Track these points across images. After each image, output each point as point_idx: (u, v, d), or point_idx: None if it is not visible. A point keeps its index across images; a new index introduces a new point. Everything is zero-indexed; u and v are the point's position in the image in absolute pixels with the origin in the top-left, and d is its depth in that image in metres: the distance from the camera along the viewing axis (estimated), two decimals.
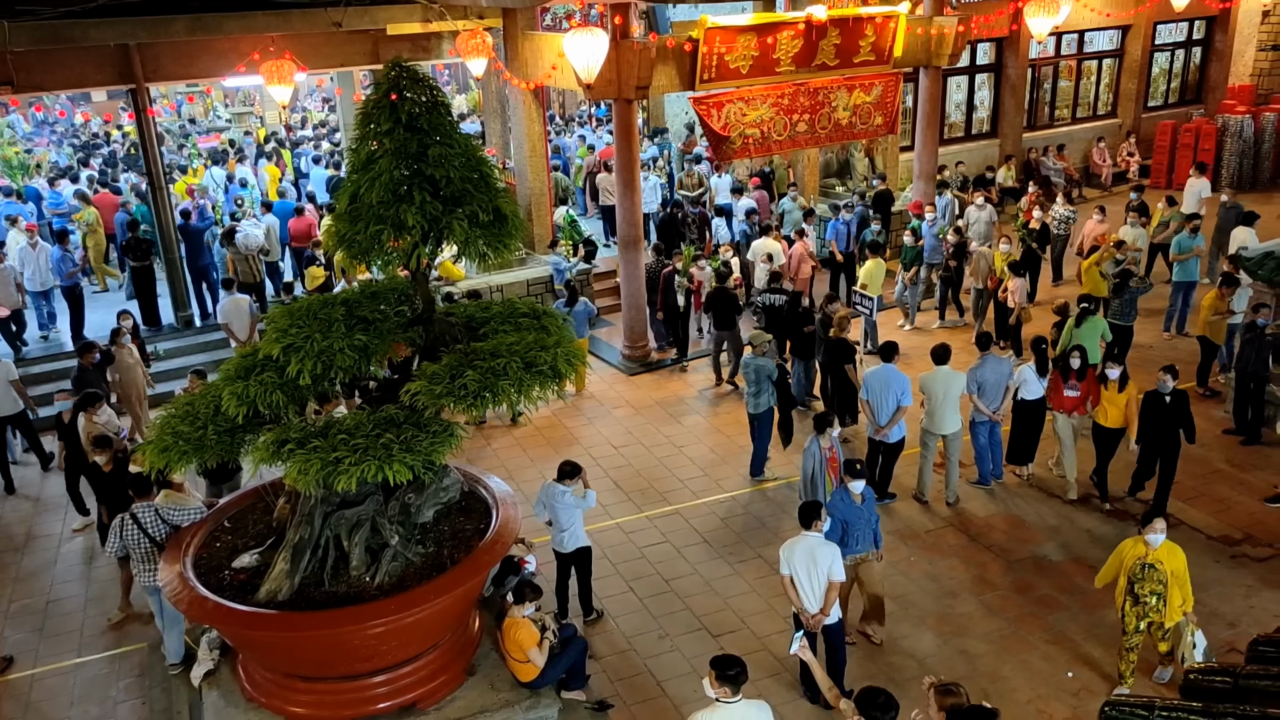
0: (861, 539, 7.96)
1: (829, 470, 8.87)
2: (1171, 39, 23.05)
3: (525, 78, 14.76)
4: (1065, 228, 15.91)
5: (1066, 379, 10.09)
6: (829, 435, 8.90)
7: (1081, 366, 9.99)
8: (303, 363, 6.29)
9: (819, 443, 8.86)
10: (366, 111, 6.63)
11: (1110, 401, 9.79)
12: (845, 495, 7.94)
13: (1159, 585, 7.09)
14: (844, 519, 7.86)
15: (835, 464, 8.90)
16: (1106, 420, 9.90)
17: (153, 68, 14.55)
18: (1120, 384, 9.72)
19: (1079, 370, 9.99)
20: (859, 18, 14.03)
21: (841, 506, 7.89)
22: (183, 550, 7.12)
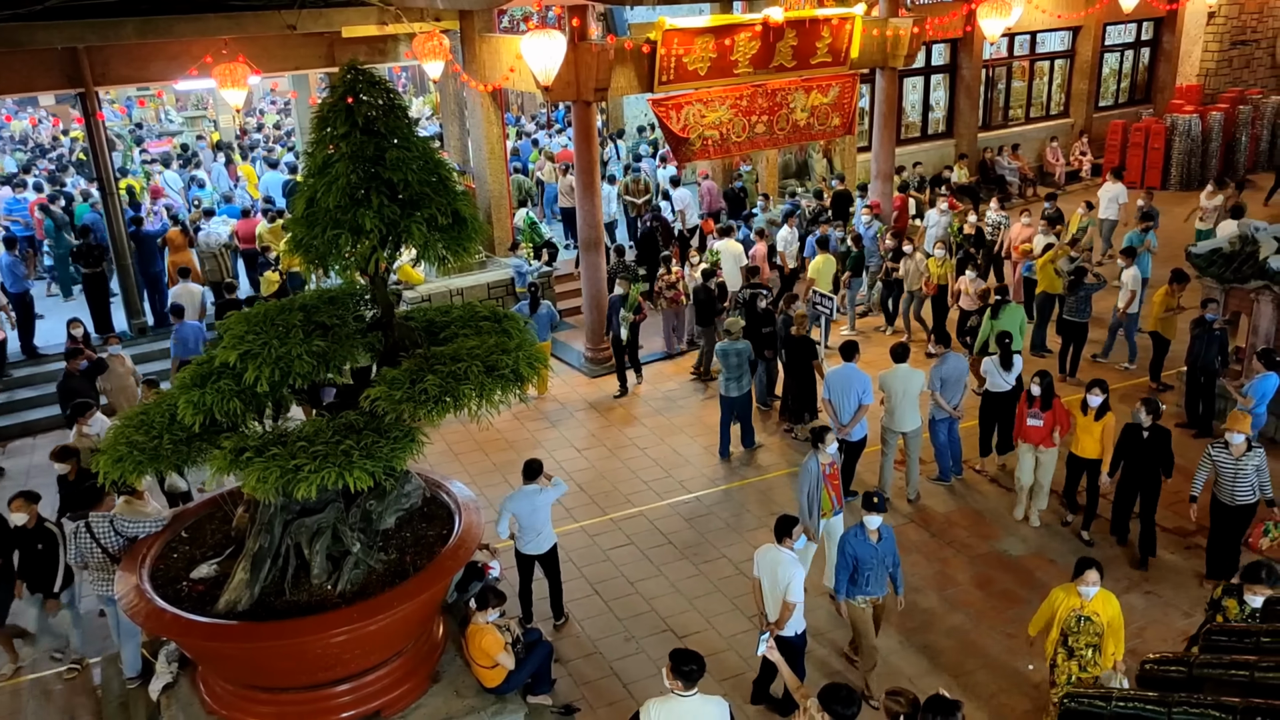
0: (876, 580, 7.35)
1: (828, 487, 8.42)
2: (1121, 40, 23.48)
3: (483, 80, 14.69)
4: (997, 232, 16.00)
5: (1030, 404, 9.57)
6: (827, 449, 8.36)
7: (1045, 394, 9.42)
8: (260, 369, 6.20)
9: (817, 459, 8.31)
10: (323, 115, 6.56)
11: (1086, 430, 9.33)
12: (859, 531, 7.29)
13: (1094, 637, 6.73)
14: (856, 556, 7.26)
15: (836, 480, 8.52)
16: (1081, 450, 9.47)
17: (102, 71, 14.29)
18: (1099, 412, 9.23)
19: (1043, 397, 9.46)
20: (816, 19, 14.13)
21: (855, 543, 7.27)
22: (139, 562, 7.00)
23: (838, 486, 8.48)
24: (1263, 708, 3.28)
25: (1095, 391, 9.20)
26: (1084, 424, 9.34)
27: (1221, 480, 8.57)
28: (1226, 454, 8.47)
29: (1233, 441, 8.42)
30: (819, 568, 8.88)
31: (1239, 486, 8.48)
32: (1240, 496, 8.50)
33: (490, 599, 7.10)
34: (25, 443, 12.76)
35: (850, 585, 7.36)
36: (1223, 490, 8.58)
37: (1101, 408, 9.20)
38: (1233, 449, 8.45)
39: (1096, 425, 9.23)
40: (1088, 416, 9.28)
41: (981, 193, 19.84)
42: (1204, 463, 8.68)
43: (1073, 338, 12.76)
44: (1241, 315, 11.49)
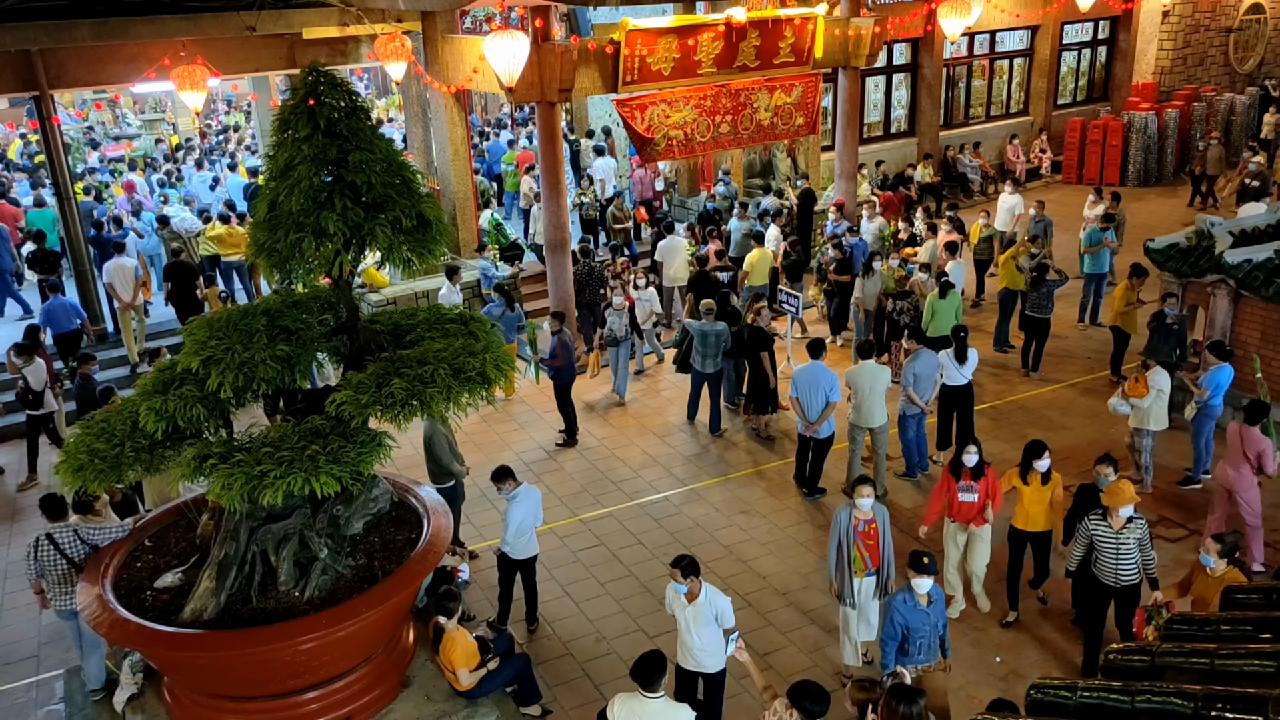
0: (927, 647, 6.69)
1: (859, 544, 7.49)
2: (1078, 38, 23.83)
3: (446, 81, 14.62)
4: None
5: (958, 476, 8.19)
6: (860, 503, 7.43)
7: (978, 464, 8.15)
8: (223, 375, 6.13)
9: (850, 511, 7.45)
10: (284, 117, 6.48)
11: (1034, 500, 8.12)
12: (909, 596, 6.56)
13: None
14: (906, 624, 6.56)
15: (872, 539, 7.47)
16: (1028, 522, 8.23)
17: (57, 74, 14.05)
18: (1044, 478, 8.10)
19: (974, 467, 8.14)
20: (778, 19, 14.20)
21: (904, 609, 6.56)
22: (102, 571, 6.89)
23: (873, 547, 7.48)
24: (1223, 694, 3.35)
25: (1044, 455, 8.05)
26: (1029, 494, 8.12)
27: (1102, 557, 7.41)
28: (1106, 526, 7.33)
29: (1122, 513, 7.28)
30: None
31: (1123, 564, 7.33)
32: (1125, 576, 7.35)
33: (449, 606, 7.07)
34: None
35: (900, 656, 6.66)
36: (1104, 569, 7.41)
37: (1047, 474, 8.12)
38: (1113, 521, 7.31)
39: (1045, 491, 8.09)
40: (1032, 484, 8.10)
41: (945, 191, 20.08)
42: (1080, 536, 7.59)
43: (1035, 334, 12.94)
44: (1199, 309, 11.70)
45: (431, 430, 9.11)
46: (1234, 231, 11.39)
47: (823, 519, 10.09)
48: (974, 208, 20.26)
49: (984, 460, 8.23)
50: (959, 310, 12.30)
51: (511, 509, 8.26)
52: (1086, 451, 11.06)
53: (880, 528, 7.49)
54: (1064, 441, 11.31)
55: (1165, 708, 3.32)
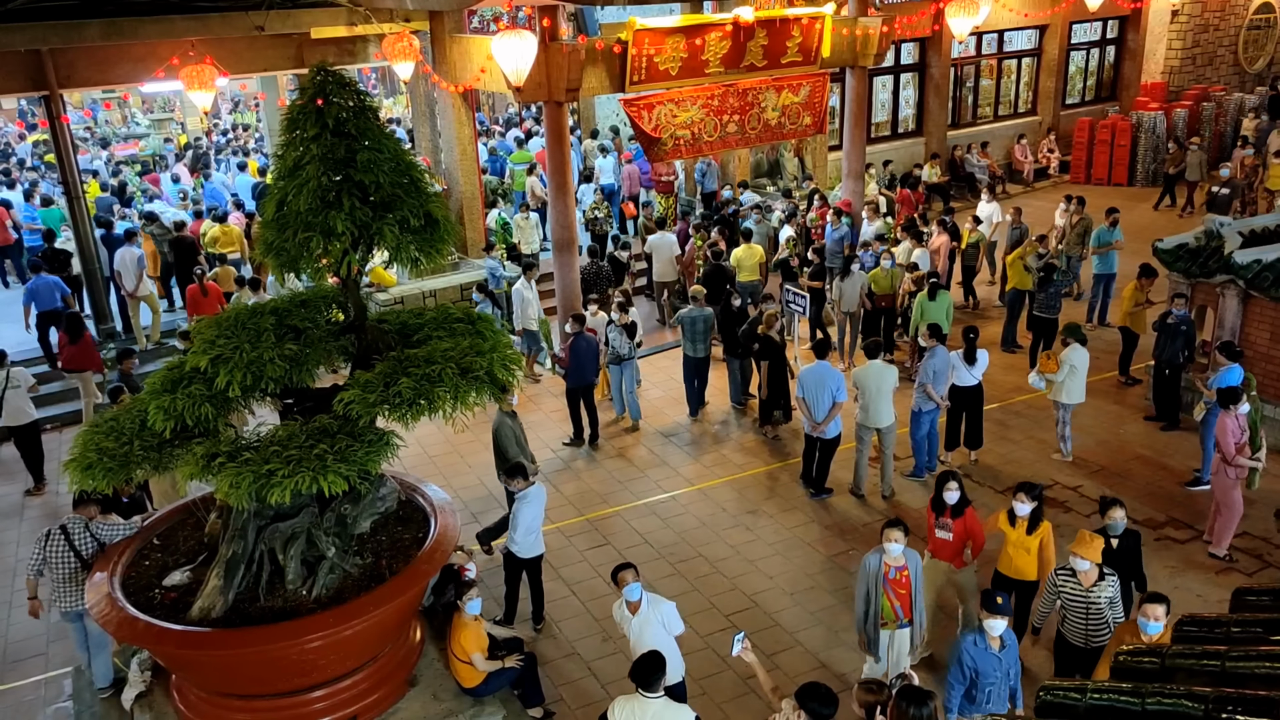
0: (996, 696, 6.22)
1: (889, 593, 6.91)
2: (1087, 38, 23.76)
3: (454, 81, 14.63)
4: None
5: (939, 513, 7.65)
6: (894, 548, 6.85)
7: (959, 502, 7.55)
8: (232, 374, 6.15)
9: (881, 556, 6.91)
10: (293, 117, 6.50)
11: (1019, 545, 7.47)
12: (979, 639, 6.14)
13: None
14: (975, 668, 6.13)
15: (904, 587, 6.90)
16: (1012, 570, 7.57)
17: (66, 74, 14.11)
18: (1031, 523, 7.43)
19: (955, 505, 7.56)
20: (786, 19, 14.18)
21: (974, 652, 6.12)
22: (110, 569, 6.91)
23: (905, 597, 6.93)
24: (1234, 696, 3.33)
25: (1022, 498, 7.38)
26: (1015, 539, 7.48)
27: (1070, 616, 6.78)
28: (1075, 583, 6.72)
29: (1079, 569, 6.67)
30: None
31: (1093, 624, 6.69)
32: (1095, 637, 6.71)
33: (464, 591, 7.12)
34: None
35: (966, 703, 6.24)
36: (1073, 629, 6.79)
37: (1034, 516, 7.44)
38: (1081, 577, 6.70)
39: (1032, 539, 7.44)
40: (1018, 529, 7.45)
41: (952, 191, 20.04)
42: (1050, 592, 6.99)
43: (1043, 334, 12.89)
44: (1208, 309, 11.66)
45: (498, 425, 9.16)
46: (1243, 232, 11.34)
47: (828, 519, 10.08)
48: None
49: (965, 498, 7.62)
50: (949, 311, 12.29)
51: (521, 509, 8.26)
52: (1095, 453, 11.05)
53: (912, 575, 6.91)
54: (1072, 442, 11.27)
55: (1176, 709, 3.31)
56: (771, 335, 11.52)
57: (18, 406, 11.14)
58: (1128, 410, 12.03)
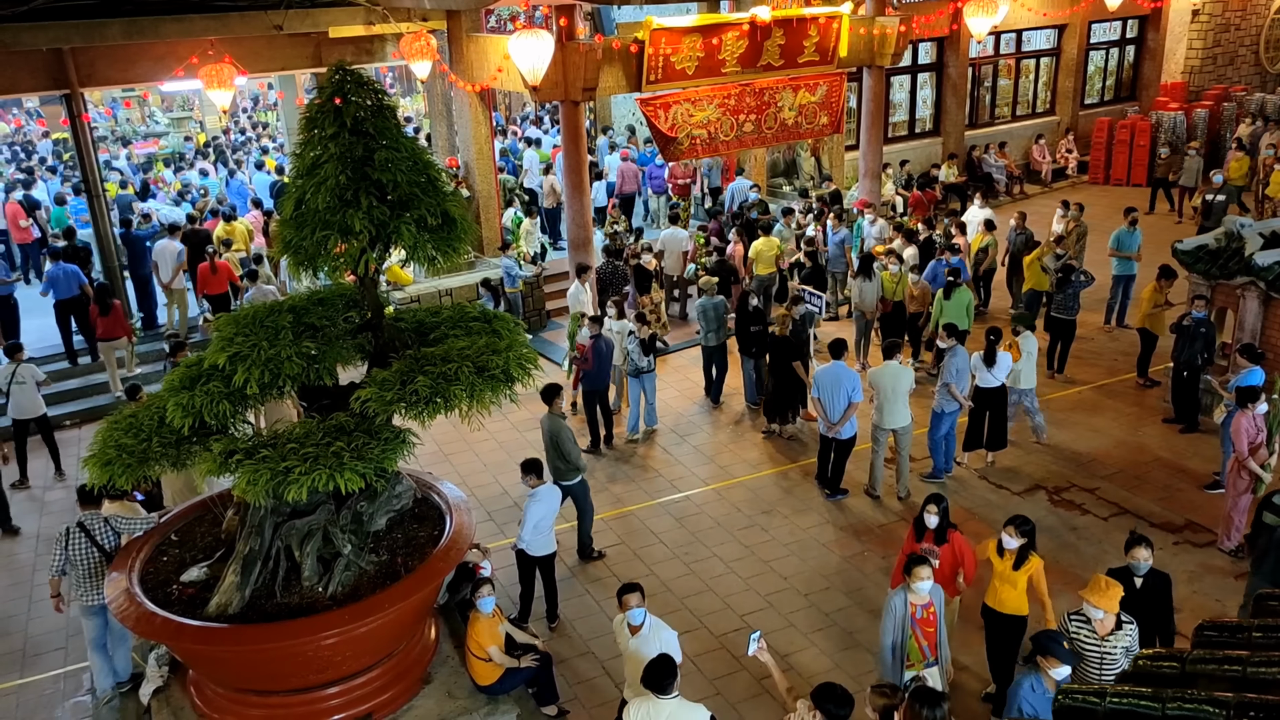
0: None
1: (917, 634, 6.57)
2: (1106, 38, 23.60)
3: (471, 80, 14.67)
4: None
5: (920, 537, 7.40)
6: (917, 586, 6.49)
7: (940, 526, 7.28)
8: (249, 372, 6.17)
9: (905, 595, 6.55)
10: (311, 116, 6.53)
11: (1005, 580, 7.09)
12: (1038, 683, 5.78)
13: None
14: (1036, 717, 5.80)
15: (932, 626, 6.60)
16: (999, 604, 7.18)
17: (88, 72, 14.22)
18: (1019, 558, 7.02)
19: (937, 530, 7.29)
20: (803, 18, 14.16)
21: (1033, 698, 5.76)
22: (129, 565, 6.96)
23: (932, 635, 6.60)
24: (1255, 702, 3.30)
25: (1011, 531, 6.99)
26: (1002, 570, 7.10)
27: (1084, 666, 6.29)
28: (1089, 630, 6.23)
29: (1093, 617, 6.19)
30: None
31: (1107, 675, 6.19)
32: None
33: (483, 588, 7.15)
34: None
35: None
36: (1087, 679, 6.26)
37: (1022, 551, 7.03)
38: (1095, 625, 6.20)
39: (1019, 574, 7.04)
40: (1005, 561, 7.08)
41: (969, 190, 19.93)
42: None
43: (1061, 335, 12.82)
44: (1228, 311, 11.57)
45: (558, 427, 9.21)
46: (1264, 233, 11.24)
47: (843, 519, 10.05)
48: (999, 208, 20.12)
49: (948, 522, 7.31)
50: (968, 308, 12.24)
51: (530, 506, 8.28)
52: (1112, 455, 10.98)
53: (938, 612, 6.61)
54: (1089, 445, 11.22)
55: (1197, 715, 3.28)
56: (786, 337, 11.48)
57: (20, 402, 11.25)
58: (1146, 412, 11.95)
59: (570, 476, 9.29)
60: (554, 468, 9.29)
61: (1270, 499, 7.71)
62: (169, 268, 14.32)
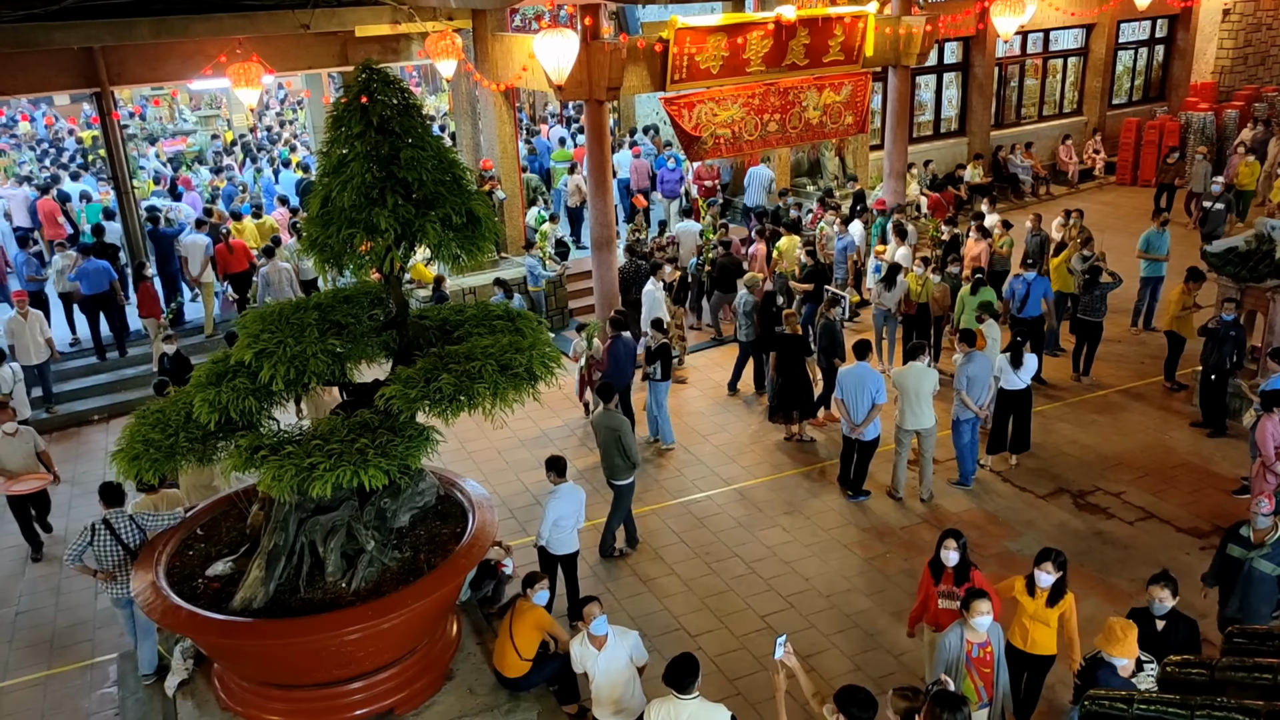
0: None
1: (973, 673, 6.18)
2: (1135, 37, 23.36)
3: (496, 79, 14.71)
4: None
5: (939, 577, 6.85)
6: (975, 623, 6.11)
7: (961, 564, 6.75)
8: (275, 368, 6.23)
9: (961, 632, 6.18)
10: (338, 114, 6.57)
11: (1037, 619, 6.63)
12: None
13: None
14: None
15: (989, 666, 6.18)
16: (1028, 644, 6.73)
17: (117, 71, 14.38)
18: (1053, 596, 6.61)
19: (958, 568, 6.75)
20: (828, 18, 14.10)
21: None
22: (155, 559, 7.03)
23: (989, 676, 6.20)
24: None
25: (1047, 568, 6.54)
26: (1033, 610, 6.65)
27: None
28: (1113, 677, 5.94)
29: (1116, 664, 5.89)
30: None
31: None
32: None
33: (537, 578, 7.21)
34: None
35: None
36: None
37: (1057, 588, 6.61)
38: (1119, 670, 5.91)
39: (1052, 612, 6.62)
40: (1037, 600, 6.63)
41: (995, 192, 19.80)
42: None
43: (1087, 337, 12.71)
44: (1258, 314, 11.43)
45: (619, 423, 9.29)
46: None
47: (865, 521, 10.01)
48: (1025, 209, 19.98)
49: (968, 560, 6.85)
50: (992, 306, 12.05)
51: (550, 503, 8.30)
52: (1139, 458, 10.88)
53: (996, 651, 6.23)
54: (1115, 448, 11.12)
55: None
56: (796, 335, 11.45)
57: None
58: (1173, 416, 11.83)
59: (627, 475, 9.33)
60: (611, 466, 9.29)
61: (1236, 530, 7.34)
62: (198, 262, 14.48)
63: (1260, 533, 7.14)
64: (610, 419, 9.36)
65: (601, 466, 9.56)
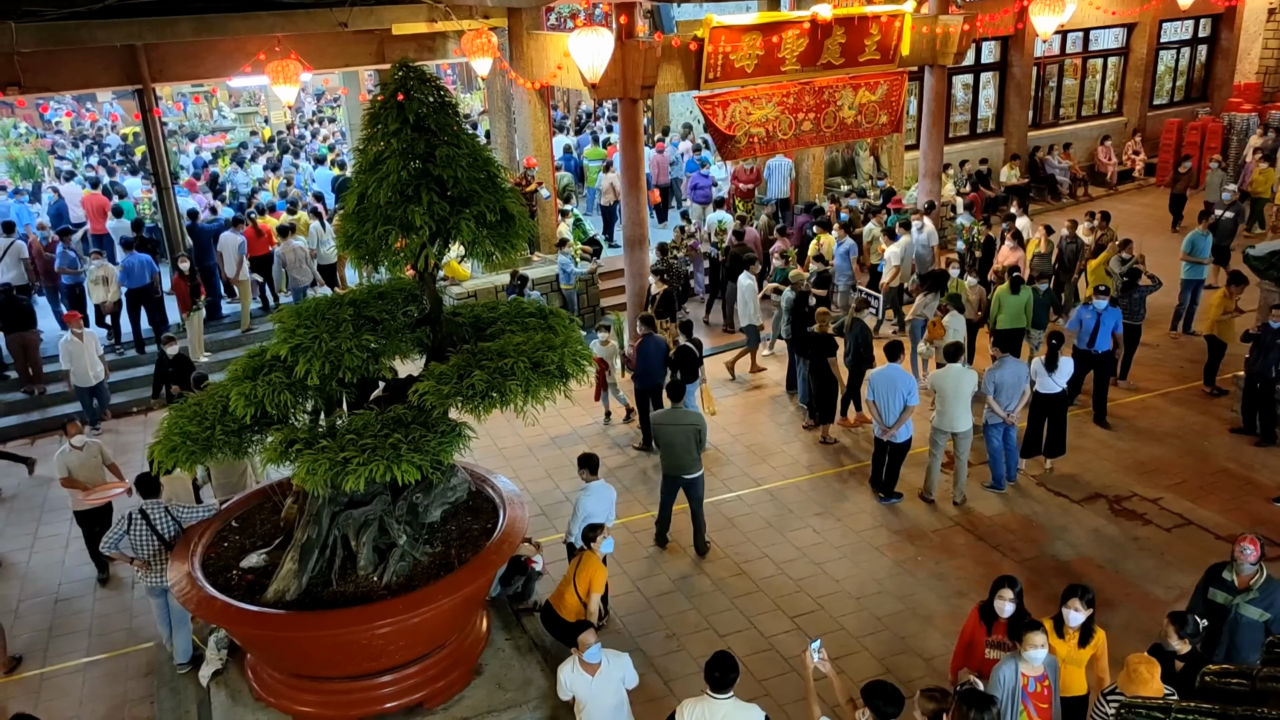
0: None
1: (1029, 711, 5.90)
2: (1177, 36, 23.01)
3: (530, 77, 14.76)
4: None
5: (990, 627, 6.45)
6: (1037, 655, 5.80)
7: (1017, 613, 6.34)
8: (310, 363, 6.29)
9: (1016, 665, 5.86)
10: (374, 112, 6.63)
11: (1069, 660, 6.27)
12: None
13: None
14: None
15: (1046, 701, 5.91)
16: (1064, 689, 6.33)
17: (159, 68, 14.58)
18: (1083, 636, 6.29)
19: (1013, 619, 6.34)
20: (864, 17, 14.01)
21: None
22: (191, 550, 7.13)
23: (1046, 712, 5.93)
24: None
25: (1076, 605, 6.21)
26: (1065, 654, 6.23)
27: None
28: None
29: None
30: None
31: None
32: None
33: (599, 530, 7.29)
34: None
35: None
36: None
37: (1086, 628, 6.29)
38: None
39: (1084, 653, 6.29)
40: (1068, 642, 6.26)
41: (1031, 193, 19.59)
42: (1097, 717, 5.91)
43: (1126, 340, 12.52)
44: None
45: (697, 419, 9.34)
46: None
47: (897, 524, 9.94)
48: (1062, 211, 19.76)
49: (1024, 611, 6.43)
50: (1029, 305, 12.07)
51: (581, 500, 8.31)
52: (1176, 465, 10.72)
53: (1053, 686, 5.94)
54: (1153, 454, 10.96)
55: None
56: (825, 334, 11.40)
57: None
58: (1213, 421, 11.64)
59: (698, 469, 9.35)
60: (683, 463, 9.26)
61: (1218, 573, 6.72)
62: (233, 261, 14.66)
63: (1245, 577, 6.58)
64: (687, 415, 9.33)
65: (667, 465, 9.38)
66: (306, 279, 14.86)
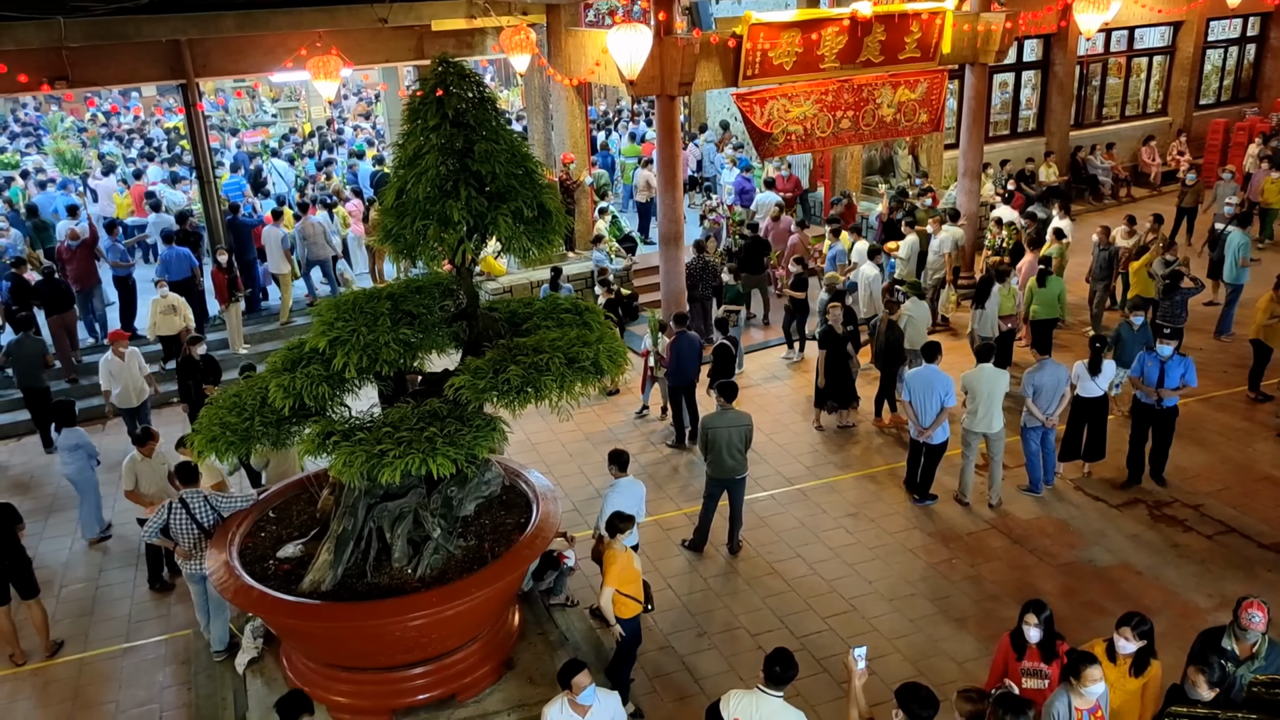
0: None
1: None
2: (1225, 35, 22.59)
3: (568, 74, 14.78)
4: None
5: (1022, 653, 6.16)
6: (1094, 690, 5.46)
7: (1047, 637, 6.09)
8: (349, 356, 6.35)
9: (1068, 698, 5.51)
10: (414, 107, 6.67)
11: (1118, 687, 5.90)
12: None
13: None
14: None
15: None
16: (1113, 716, 5.95)
17: (203, 63, 14.78)
18: (1137, 665, 5.90)
19: (1044, 643, 6.08)
20: (905, 14, 13.87)
21: None
22: (229, 539, 7.22)
23: None
24: None
25: (1127, 634, 5.85)
26: (1114, 679, 5.85)
27: None
28: None
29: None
30: None
31: None
32: None
33: (620, 523, 7.19)
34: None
35: None
36: None
37: (1141, 656, 5.91)
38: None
39: (1135, 682, 5.92)
40: (1119, 667, 5.92)
41: (1072, 193, 19.30)
42: None
43: None
44: None
45: (747, 419, 9.36)
46: None
47: (931, 526, 9.85)
48: (1104, 211, 19.48)
49: (1055, 633, 6.18)
50: (1061, 297, 12.10)
51: (609, 496, 8.30)
52: (1219, 470, 10.54)
53: (1104, 713, 5.64)
54: (1195, 460, 10.78)
55: None
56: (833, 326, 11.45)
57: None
58: (1257, 427, 11.43)
59: (746, 469, 9.36)
60: (732, 464, 9.21)
61: (1217, 641, 6.12)
62: (276, 255, 14.84)
63: (1246, 646, 6.01)
64: (739, 416, 9.29)
65: (717, 469, 9.24)
66: (327, 254, 15.26)
